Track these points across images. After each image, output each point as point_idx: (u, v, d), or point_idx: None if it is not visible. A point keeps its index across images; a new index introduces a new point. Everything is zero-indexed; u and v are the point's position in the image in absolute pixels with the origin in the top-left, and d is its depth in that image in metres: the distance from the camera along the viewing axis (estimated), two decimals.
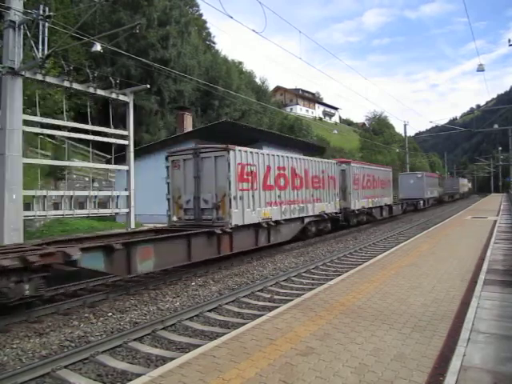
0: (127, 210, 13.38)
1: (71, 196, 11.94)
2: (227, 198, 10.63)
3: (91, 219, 18.12)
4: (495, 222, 18.03)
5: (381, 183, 23.12)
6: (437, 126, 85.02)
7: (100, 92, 12.63)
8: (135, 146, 14.72)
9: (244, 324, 5.66)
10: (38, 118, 11.30)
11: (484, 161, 74.37)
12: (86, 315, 6.86)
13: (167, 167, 11.76)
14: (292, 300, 6.49)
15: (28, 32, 10.60)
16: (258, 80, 50.93)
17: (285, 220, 13.17)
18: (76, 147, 22.49)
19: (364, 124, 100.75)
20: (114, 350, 5.42)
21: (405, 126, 47.78)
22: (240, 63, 48.84)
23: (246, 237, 11.41)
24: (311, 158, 15.66)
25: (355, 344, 4.41)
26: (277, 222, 12.69)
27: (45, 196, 11.30)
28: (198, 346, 4.92)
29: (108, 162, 19.15)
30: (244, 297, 7.98)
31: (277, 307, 6.27)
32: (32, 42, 10.49)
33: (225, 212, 10.68)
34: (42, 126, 11.65)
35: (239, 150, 11.10)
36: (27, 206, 11.09)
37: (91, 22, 24.69)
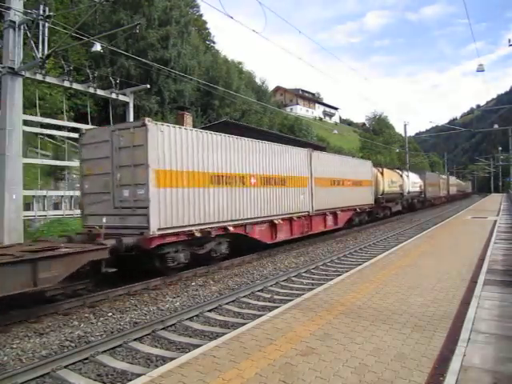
0: None
1: (71, 196, 11.95)
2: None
3: None
4: (495, 222, 18.02)
5: None
6: (437, 126, 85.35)
7: (100, 92, 12.64)
8: None
9: (244, 324, 5.66)
10: (38, 118, 11.31)
11: (484, 161, 74.27)
12: (86, 315, 6.86)
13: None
14: (292, 300, 6.49)
15: (28, 32, 10.60)
16: (258, 80, 50.87)
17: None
18: (76, 147, 22.44)
19: (364, 124, 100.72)
20: (114, 349, 5.42)
21: (405, 125, 47.70)
22: (240, 63, 48.72)
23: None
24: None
25: (355, 344, 4.41)
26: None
27: (45, 196, 11.33)
28: (198, 346, 4.92)
29: None
30: (244, 297, 7.98)
31: (277, 307, 6.27)
32: (32, 42, 10.48)
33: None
34: (42, 126, 11.65)
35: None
36: (27, 206, 11.10)
37: (91, 22, 24.64)
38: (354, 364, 3.91)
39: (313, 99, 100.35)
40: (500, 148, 58.95)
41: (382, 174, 23.60)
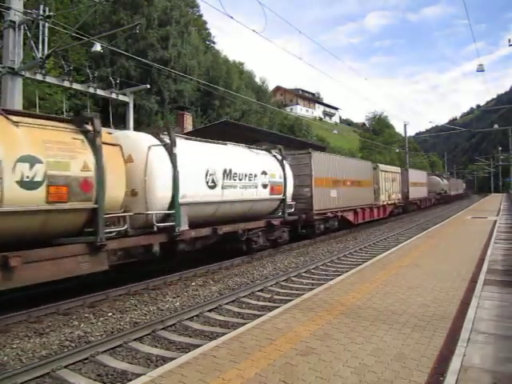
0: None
1: None
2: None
3: None
4: (495, 221, 18.03)
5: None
6: (437, 126, 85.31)
7: (100, 92, 12.63)
8: None
9: (244, 324, 5.66)
10: None
11: (484, 161, 74.27)
12: (86, 315, 6.86)
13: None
14: (292, 300, 6.49)
15: (28, 32, 10.60)
16: (258, 80, 50.87)
17: None
18: None
19: (364, 124, 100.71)
20: (114, 349, 5.42)
21: (405, 125, 47.67)
22: (241, 63, 48.78)
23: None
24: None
25: (355, 344, 4.41)
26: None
27: None
28: (198, 346, 4.92)
29: None
30: (244, 297, 7.98)
31: (277, 307, 6.27)
32: (32, 42, 10.48)
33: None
34: None
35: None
36: None
37: (91, 22, 24.64)
38: (354, 364, 3.91)
39: (313, 99, 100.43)
40: (500, 148, 58.99)
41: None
